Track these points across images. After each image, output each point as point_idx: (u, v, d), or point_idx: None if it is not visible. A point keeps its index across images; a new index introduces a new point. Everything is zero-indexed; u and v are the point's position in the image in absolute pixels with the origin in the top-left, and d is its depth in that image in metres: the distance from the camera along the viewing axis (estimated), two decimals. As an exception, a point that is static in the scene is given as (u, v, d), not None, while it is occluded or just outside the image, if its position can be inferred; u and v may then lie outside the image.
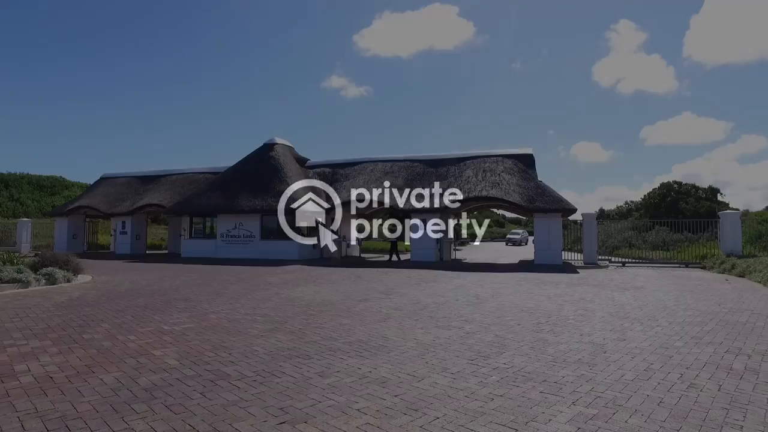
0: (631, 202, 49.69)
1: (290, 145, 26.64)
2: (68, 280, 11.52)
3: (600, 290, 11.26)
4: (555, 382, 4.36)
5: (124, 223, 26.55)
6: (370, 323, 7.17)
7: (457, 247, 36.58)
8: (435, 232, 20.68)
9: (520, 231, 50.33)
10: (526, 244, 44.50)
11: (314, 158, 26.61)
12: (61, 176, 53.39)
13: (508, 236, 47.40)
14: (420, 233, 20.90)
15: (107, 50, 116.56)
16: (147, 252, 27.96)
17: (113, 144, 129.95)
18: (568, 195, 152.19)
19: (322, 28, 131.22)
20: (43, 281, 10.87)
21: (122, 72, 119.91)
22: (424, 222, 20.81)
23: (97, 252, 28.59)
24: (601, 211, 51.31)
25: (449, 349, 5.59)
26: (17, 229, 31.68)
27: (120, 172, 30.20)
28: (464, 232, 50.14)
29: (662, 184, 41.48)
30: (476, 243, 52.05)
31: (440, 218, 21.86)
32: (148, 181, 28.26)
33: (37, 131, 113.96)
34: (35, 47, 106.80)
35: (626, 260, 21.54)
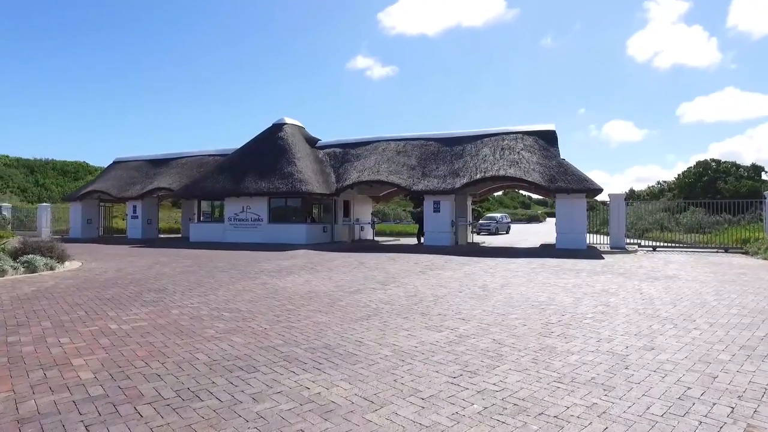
0: (664, 182, 46.81)
1: (300, 125, 25.64)
2: (51, 268, 10.96)
3: (626, 280, 9.95)
4: (555, 417, 3.26)
5: (135, 207, 26.28)
6: (349, 322, 6.18)
7: (478, 230, 35.33)
8: (450, 214, 19.46)
9: (498, 216, 37.80)
10: (507, 232, 35.53)
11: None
12: (84, 162, 54.13)
13: (480, 222, 33.86)
14: (433, 216, 19.72)
15: (136, 29, 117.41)
16: (159, 236, 27.72)
17: (136, 128, 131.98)
18: (598, 175, 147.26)
19: (347, 7, 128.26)
20: (22, 269, 10.32)
21: (147, 51, 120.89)
22: (438, 204, 19.60)
23: (112, 236, 28.55)
24: (631, 191, 48.68)
25: (430, 361, 4.54)
26: (38, 214, 32.02)
27: (132, 156, 29.92)
28: (486, 215, 48.51)
29: (698, 163, 38.59)
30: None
31: (456, 200, 20.64)
32: (159, 164, 27.84)
33: (62, 117, 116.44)
34: (60, 31, 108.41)
35: (657, 244, 19.87)
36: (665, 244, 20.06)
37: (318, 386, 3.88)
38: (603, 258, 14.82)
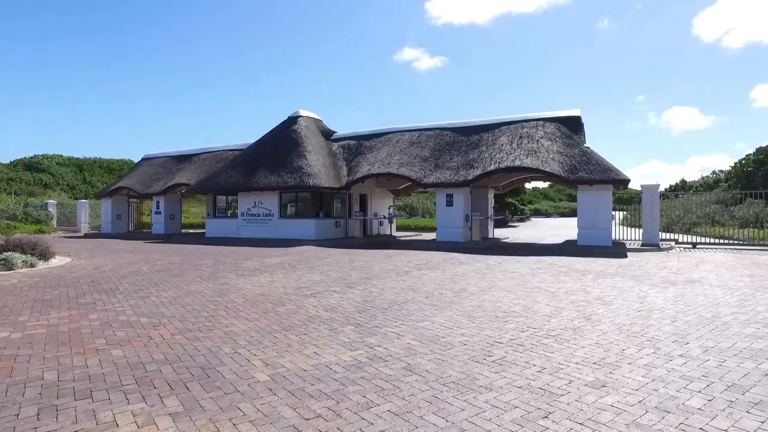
0: (720, 171, 42.36)
1: (317, 117, 25.05)
2: (31, 265, 10.90)
3: (635, 285, 8.50)
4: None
5: (158, 203, 26.74)
6: (265, 333, 5.36)
7: (513, 223, 33.28)
8: (463, 208, 18.19)
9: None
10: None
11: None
12: (129, 159, 56.61)
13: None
14: (446, 210, 18.53)
15: (182, 23, 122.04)
16: (182, 231, 28.14)
17: (182, 123, 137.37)
18: (655, 165, 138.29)
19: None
20: (-3, 266, 10.28)
21: (200, 44, 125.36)
22: (451, 197, 18.37)
23: (140, 232, 29.31)
24: (683, 182, 44.61)
25: (299, 393, 3.62)
26: (77, 210, 33.54)
27: (159, 152, 30.56)
28: (517, 208, 46.04)
29: (758, 149, 33.95)
30: (532, 219, 48.05)
31: (473, 193, 19.33)
32: (182, 160, 28.19)
33: (109, 116, 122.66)
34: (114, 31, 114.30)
35: (700, 240, 17.66)
36: (712, 241, 17.81)
37: (127, 422, 3.07)
38: (626, 257, 13.15)
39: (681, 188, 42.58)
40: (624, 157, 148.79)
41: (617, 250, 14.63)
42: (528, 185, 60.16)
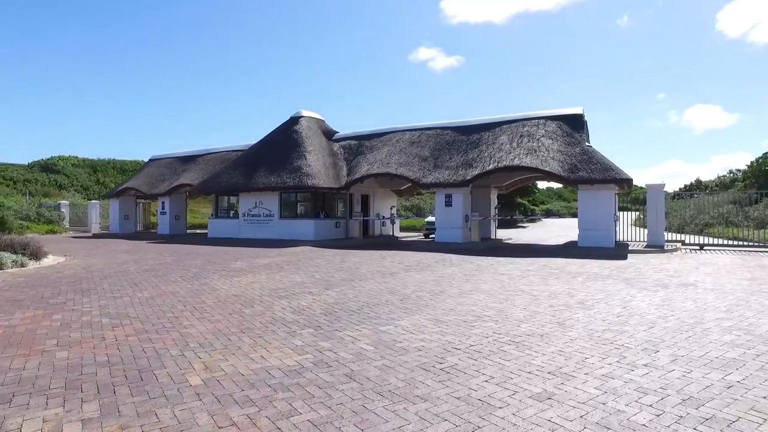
0: (737, 170, 41.10)
1: (319, 117, 24.98)
2: (22, 265, 10.98)
3: (625, 287, 8.16)
4: None
5: (163, 203, 26.97)
6: (221, 335, 5.21)
7: (522, 224, 32.70)
8: (462, 208, 17.89)
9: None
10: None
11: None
12: (142, 160, 57.37)
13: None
14: (445, 210, 18.24)
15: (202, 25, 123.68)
16: (187, 232, 28.34)
17: (198, 124, 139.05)
18: (674, 165, 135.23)
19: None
20: (-14, 266, 10.37)
21: (216, 46, 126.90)
22: (450, 197, 18.09)
23: (148, 232, 29.61)
24: (698, 182, 43.35)
25: (213, 406, 3.45)
26: (88, 210, 34.08)
27: (165, 153, 30.85)
28: (523, 208, 45.32)
29: None
30: (543, 219, 47.28)
31: (473, 193, 19.03)
32: (187, 161, 28.40)
33: (125, 118, 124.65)
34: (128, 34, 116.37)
35: (708, 242, 17.06)
36: (723, 242, 17.19)
37: (34, 429, 2.95)
38: (625, 259, 12.72)
39: (696, 188, 41.44)
40: (643, 157, 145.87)
41: (618, 251, 14.19)
42: (541, 185, 59.44)
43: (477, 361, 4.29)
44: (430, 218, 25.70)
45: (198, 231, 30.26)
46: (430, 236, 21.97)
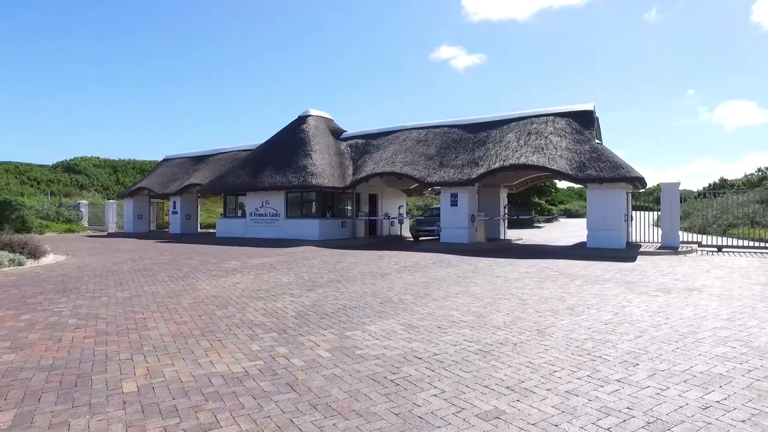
0: (766, 168, 39.31)
1: (327, 116, 24.84)
2: (19, 264, 11.09)
3: (624, 292, 7.69)
4: None
5: (175, 203, 27.25)
6: (183, 337, 5.02)
7: (538, 224, 31.86)
8: (468, 208, 17.47)
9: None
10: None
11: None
12: (159, 160, 58.44)
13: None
14: (450, 210, 17.85)
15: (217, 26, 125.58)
16: (199, 231, 28.59)
17: (216, 124, 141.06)
18: (705, 163, 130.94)
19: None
20: (-17, 264, 10.49)
21: (236, 45, 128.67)
22: (456, 197, 17.69)
23: (160, 231, 30.00)
24: (723, 180, 41.64)
25: (135, 416, 3.23)
26: (105, 210, 34.76)
27: (178, 153, 31.20)
28: (536, 208, 44.27)
29: None
30: (560, 219, 46.19)
31: (480, 192, 18.59)
32: (199, 160, 28.65)
33: (144, 118, 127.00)
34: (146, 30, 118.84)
35: (728, 243, 16.20)
36: (745, 243, 16.31)
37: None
38: (633, 261, 12.13)
39: (720, 186, 39.81)
40: (672, 155, 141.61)
41: (627, 253, 13.58)
42: (561, 185, 58.17)
43: (434, 372, 3.98)
44: (419, 217, 25.23)
45: (211, 230, 30.52)
46: (420, 237, 21.55)
